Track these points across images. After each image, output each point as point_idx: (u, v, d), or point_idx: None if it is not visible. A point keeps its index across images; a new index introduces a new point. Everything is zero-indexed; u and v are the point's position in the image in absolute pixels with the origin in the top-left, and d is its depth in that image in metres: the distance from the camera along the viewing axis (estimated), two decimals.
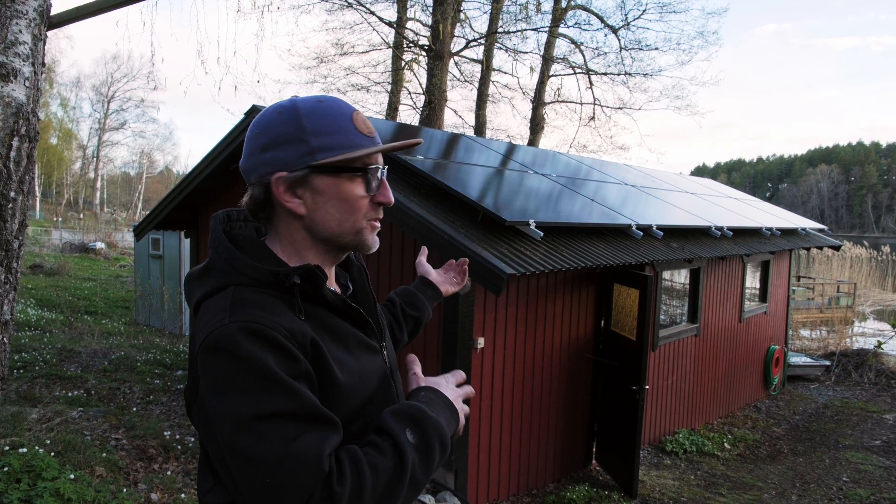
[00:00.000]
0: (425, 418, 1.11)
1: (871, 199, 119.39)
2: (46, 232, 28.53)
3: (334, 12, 15.39)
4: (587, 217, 5.53)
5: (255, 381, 0.99)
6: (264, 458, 0.96)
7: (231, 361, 1.00)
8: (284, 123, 1.15)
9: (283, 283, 1.10)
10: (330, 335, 1.14)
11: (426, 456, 1.08)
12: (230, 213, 1.26)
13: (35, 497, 3.52)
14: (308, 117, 1.15)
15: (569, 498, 5.14)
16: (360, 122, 1.18)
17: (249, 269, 1.11)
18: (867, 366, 10.51)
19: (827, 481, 6.17)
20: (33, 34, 3.17)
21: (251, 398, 0.98)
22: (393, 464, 1.04)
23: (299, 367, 1.03)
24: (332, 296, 1.16)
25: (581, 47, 17.51)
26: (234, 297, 1.08)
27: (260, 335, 1.01)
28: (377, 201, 1.21)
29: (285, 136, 1.14)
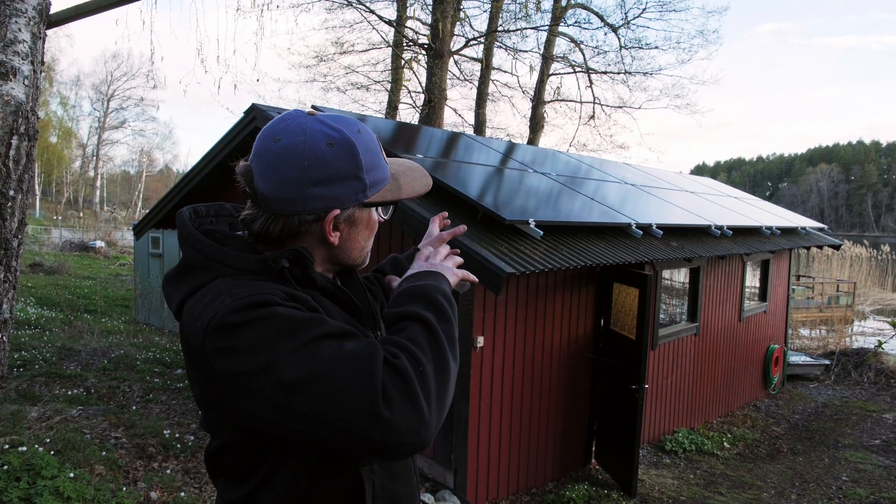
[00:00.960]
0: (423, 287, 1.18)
1: (871, 198, 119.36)
2: (46, 230, 28.51)
3: (334, 11, 15.39)
4: (587, 216, 5.53)
5: (279, 329, 0.97)
6: (326, 368, 0.96)
7: (247, 328, 0.98)
8: (342, 159, 1.12)
9: (272, 268, 1.09)
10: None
11: (441, 311, 1.13)
12: (197, 210, 1.24)
13: (35, 495, 3.52)
14: (364, 153, 1.15)
15: (568, 497, 5.14)
16: (382, 149, 1.23)
17: (235, 260, 1.10)
18: (867, 365, 10.51)
19: (826, 480, 6.17)
20: (32, 33, 3.17)
21: (283, 341, 0.97)
22: (421, 328, 1.08)
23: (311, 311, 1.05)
24: (321, 279, 1.15)
25: (581, 46, 17.51)
26: (227, 284, 1.06)
27: (262, 303, 1.00)
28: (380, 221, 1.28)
29: (343, 174, 1.13)
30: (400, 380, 0.97)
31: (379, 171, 1.19)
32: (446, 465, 4.78)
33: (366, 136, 1.17)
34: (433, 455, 4.90)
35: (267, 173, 1.12)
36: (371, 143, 1.18)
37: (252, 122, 5.70)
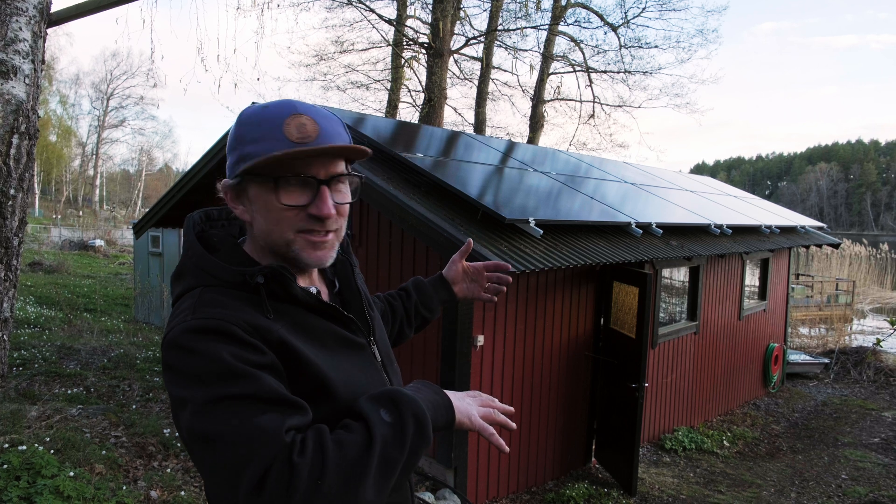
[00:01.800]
0: (401, 397, 1.06)
1: (870, 197, 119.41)
2: (45, 229, 28.50)
3: (334, 10, 15.39)
4: (587, 215, 5.53)
5: (211, 371, 0.98)
6: (222, 434, 0.94)
7: (188, 356, 1.00)
8: (232, 132, 1.17)
9: (248, 283, 1.10)
10: (305, 334, 1.13)
11: (400, 433, 1.02)
12: (209, 213, 1.27)
13: (35, 495, 3.52)
14: (243, 125, 1.14)
15: (568, 495, 5.15)
16: (291, 128, 1.11)
17: (217, 270, 1.12)
18: (866, 363, 10.52)
19: (826, 479, 6.18)
20: (33, 32, 3.16)
21: (208, 386, 0.97)
22: (362, 439, 0.99)
23: (263, 357, 1.02)
24: (303, 294, 1.15)
25: (581, 45, 17.51)
26: (199, 298, 1.09)
27: (217, 331, 1.01)
28: (310, 213, 1.13)
29: (231, 144, 1.16)
30: (286, 479, 0.92)
31: (258, 144, 1.10)
32: (446, 463, 4.79)
33: (269, 110, 1.13)
34: (433, 454, 4.90)
35: None
36: (266, 115, 1.12)
37: None
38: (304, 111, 1.13)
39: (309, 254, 1.15)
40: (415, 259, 5.01)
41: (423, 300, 1.73)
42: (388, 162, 5.49)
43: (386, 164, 5.43)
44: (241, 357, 1.00)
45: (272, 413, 0.97)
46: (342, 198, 1.18)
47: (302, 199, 1.12)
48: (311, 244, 1.15)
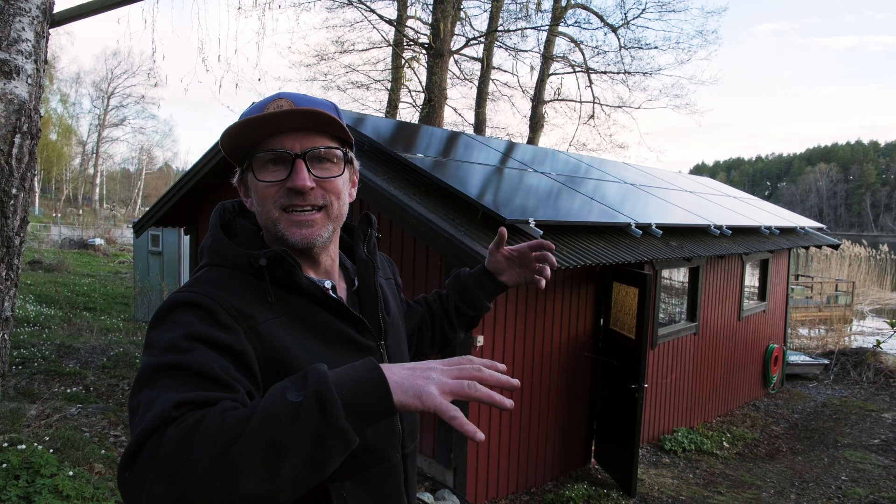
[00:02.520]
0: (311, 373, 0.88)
1: (870, 197, 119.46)
2: (45, 228, 28.49)
3: (335, 10, 15.39)
4: (586, 215, 5.53)
5: (165, 339, 0.97)
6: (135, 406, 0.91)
7: (159, 324, 1.01)
8: None
9: (253, 265, 1.11)
10: (303, 326, 1.12)
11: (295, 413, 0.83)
12: (243, 204, 1.30)
13: (34, 494, 3.52)
14: (244, 114, 1.16)
15: (567, 496, 5.15)
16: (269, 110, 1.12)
17: (227, 251, 1.14)
18: (866, 364, 10.53)
19: (826, 480, 6.19)
20: (36, 32, 3.17)
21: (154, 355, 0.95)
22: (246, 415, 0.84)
23: (231, 338, 0.99)
24: (308, 284, 1.13)
25: (581, 46, 17.50)
26: (205, 274, 1.12)
27: (195, 304, 1.02)
28: (288, 187, 1.12)
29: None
30: (153, 451, 0.82)
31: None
32: (446, 464, 4.79)
33: (264, 99, 1.17)
34: (433, 454, 4.91)
35: None
36: (256, 105, 1.17)
37: None
38: (287, 96, 1.14)
39: (294, 232, 1.14)
40: (415, 259, 5.01)
41: (465, 297, 1.65)
42: (389, 162, 5.49)
43: (386, 164, 5.43)
44: (203, 332, 0.97)
45: (188, 387, 0.90)
46: (325, 172, 1.16)
47: (279, 174, 1.12)
48: (294, 223, 1.14)
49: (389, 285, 1.45)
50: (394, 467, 1.22)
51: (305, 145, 1.13)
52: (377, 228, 1.39)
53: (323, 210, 1.16)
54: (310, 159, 1.14)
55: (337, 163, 1.18)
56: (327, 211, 1.17)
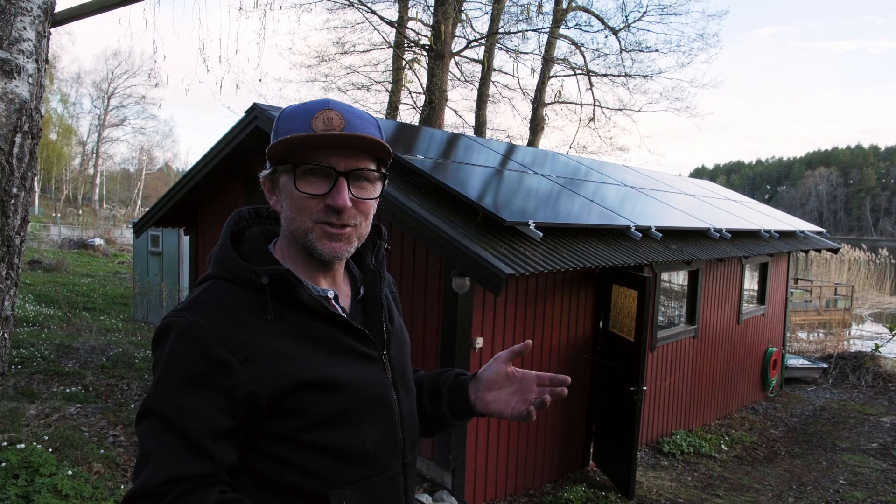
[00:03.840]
0: None
1: (870, 201, 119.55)
2: (45, 227, 28.49)
3: (335, 11, 15.38)
4: (586, 218, 5.54)
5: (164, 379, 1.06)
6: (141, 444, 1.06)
7: (160, 349, 1.10)
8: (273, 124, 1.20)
9: (254, 282, 1.12)
10: (305, 340, 1.13)
11: None
12: (259, 211, 1.31)
13: (33, 493, 3.52)
14: (280, 119, 1.18)
15: (566, 498, 5.15)
16: (318, 121, 1.14)
17: (231, 265, 1.15)
18: (864, 368, 10.53)
19: (824, 484, 6.19)
20: (37, 31, 3.18)
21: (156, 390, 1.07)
22: None
23: (225, 379, 1.06)
24: (309, 300, 1.14)
25: (581, 48, 17.51)
26: (206, 291, 1.14)
27: (190, 337, 1.07)
28: (327, 203, 1.14)
29: (271, 136, 1.18)
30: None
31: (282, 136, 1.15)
32: (444, 465, 4.79)
33: (305, 105, 1.17)
34: (431, 455, 4.91)
35: None
36: (301, 110, 1.16)
37: (253, 122, 5.70)
38: (335, 107, 1.15)
39: (324, 244, 1.16)
40: (414, 260, 5.02)
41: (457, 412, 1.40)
42: None
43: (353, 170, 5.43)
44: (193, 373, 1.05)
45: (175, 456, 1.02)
46: (363, 193, 1.17)
47: (320, 188, 1.14)
48: (327, 235, 1.15)
49: (395, 298, 1.45)
50: (394, 476, 1.23)
51: (350, 165, 1.14)
52: (387, 240, 1.39)
53: (353, 228, 1.18)
54: (351, 178, 1.15)
55: (374, 183, 1.20)
56: (357, 229, 1.19)
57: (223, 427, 1.05)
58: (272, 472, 1.11)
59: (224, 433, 1.06)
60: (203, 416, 1.04)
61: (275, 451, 1.11)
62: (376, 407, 1.20)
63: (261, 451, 1.11)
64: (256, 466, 1.11)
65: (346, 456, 1.14)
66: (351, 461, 1.14)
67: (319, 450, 1.11)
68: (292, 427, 1.10)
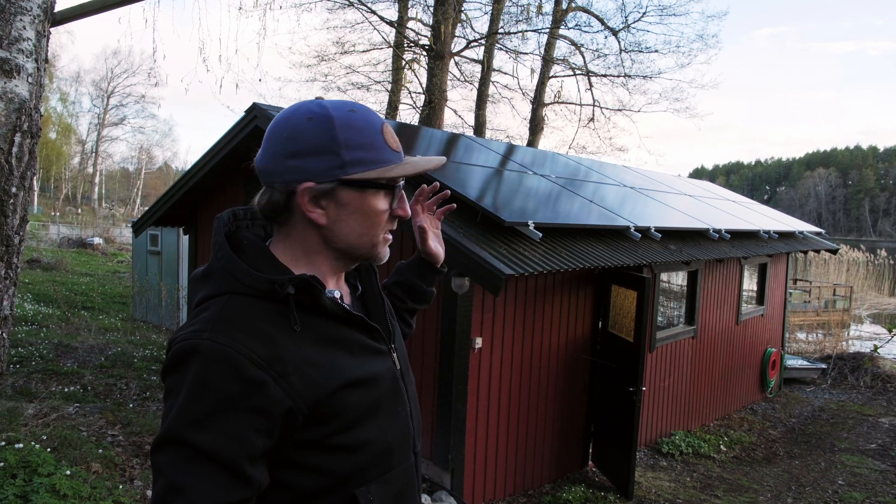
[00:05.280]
0: None
1: (869, 202, 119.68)
2: (44, 226, 28.47)
3: (335, 11, 15.40)
4: (586, 218, 5.54)
5: (198, 406, 0.98)
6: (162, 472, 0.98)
7: (183, 376, 1.00)
8: (317, 132, 1.10)
9: (278, 293, 1.07)
10: (327, 344, 1.11)
11: None
12: (236, 213, 1.24)
13: (31, 493, 3.51)
14: (342, 129, 1.11)
15: (565, 499, 5.15)
16: (388, 136, 1.17)
17: (246, 277, 1.09)
18: (863, 369, 10.54)
19: (822, 484, 6.19)
20: (37, 31, 3.17)
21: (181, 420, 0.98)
22: None
23: (261, 398, 1.01)
24: (331, 305, 1.13)
25: (581, 49, 17.53)
26: (224, 309, 1.06)
27: (227, 362, 0.99)
28: (396, 215, 1.21)
29: (318, 147, 1.10)
30: None
31: (368, 152, 1.13)
32: (443, 465, 4.79)
33: (359, 115, 1.14)
34: (430, 455, 4.90)
35: (262, 148, 1.17)
36: (362, 122, 1.13)
37: (253, 121, 5.70)
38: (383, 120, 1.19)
39: (384, 252, 1.23)
40: None
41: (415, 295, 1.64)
42: None
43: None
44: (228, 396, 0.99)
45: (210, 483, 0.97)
46: None
47: (388, 202, 1.20)
48: (387, 242, 1.23)
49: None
50: (411, 466, 1.26)
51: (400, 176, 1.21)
52: None
53: None
54: None
55: None
56: None
57: (261, 449, 1.02)
58: (300, 481, 1.10)
59: (262, 455, 1.02)
60: (241, 440, 0.99)
61: (303, 459, 1.09)
62: (392, 401, 1.22)
63: (289, 462, 1.09)
64: (284, 478, 1.09)
65: (371, 452, 1.15)
66: (375, 456, 1.15)
67: (348, 450, 1.11)
68: (324, 433, 1.09)
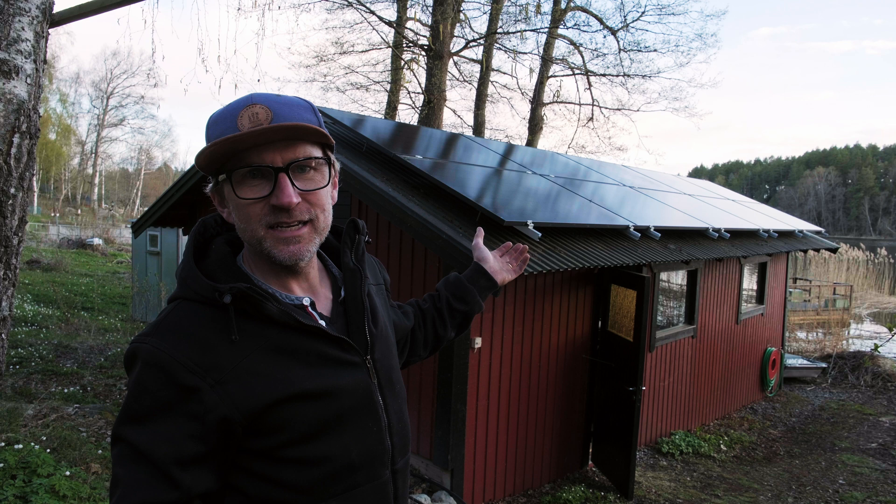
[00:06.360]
0: None
1: (868, 201, 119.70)
2: (44, 227, 28.46)
3: (334, 11, 15.39)
4: (585, 218, 5.53)
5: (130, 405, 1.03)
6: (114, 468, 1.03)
7: (128, 374, 1.06)
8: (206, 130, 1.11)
9: (217, 301, 1.06)
10: (280, 355, 1.08)
11: None
12: (216, 219, 1.24)
13: (30, 493, 3.51)
14: (208, 127, 1.10)
15: (565, 499, 5.15)
16: (244, 119, 1.06)
17: (195, 284, 1.09)
18: (863, 368, 10.54)
19: (823, 484, 6.19)
20: (35, 32, 3.17)
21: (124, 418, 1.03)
22: None
23: (194, 404, 1.01)
24: (279, 314, 1.08)
25: (580, 48, 17.53)
26: (171, 314, 1.09)
27: (161, 367, 1.02)
28: (272, 204, 1.07)
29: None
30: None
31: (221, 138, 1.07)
32: (443, 465, 4.79)
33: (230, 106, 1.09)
34: (430, 456, 4.90)
35: None
36: (224, 113, 1.08)
37: None
38: (260, 101, 1.07)
39: (281, 250, 1.09)
40: (413, 260, 5.01)
41: (457, 293, 1.67)
42: (387, 163, 5.50)
43: (385, 165, 5.43)
44: (162, 400, 1.01)
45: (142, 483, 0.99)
46: (310, 184, 1.11)
47: (263, 190, 1.07)
48: (281, 240, 1.09)
49: (379, 291, 1.40)
50: (383, 485, 1.19)
51: (287, 157, 1.07)
52: (367, 233, 1.33)
53: (309, 224, 1.11)
54: (292, 171, 1.08)
55: (319, 170, 1.13)
56: (314, 224, 1.12)
57: (193, 454, 1.01)
58: (256, 489, 1.08)
59: (194, 460, 1.02)
60: (171, 443, 1.00)
61: (256, 468, 1.08)
62: (360, 415, 1.15)
63: (242, 469, 1.08)
64: (240, 484, 1.08)
65: (329, 468, 1.10)
66: (334, 473, 1.11)
67: (301, 464, 1.08)
68: (272, 443, 1.06)
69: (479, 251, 1.77)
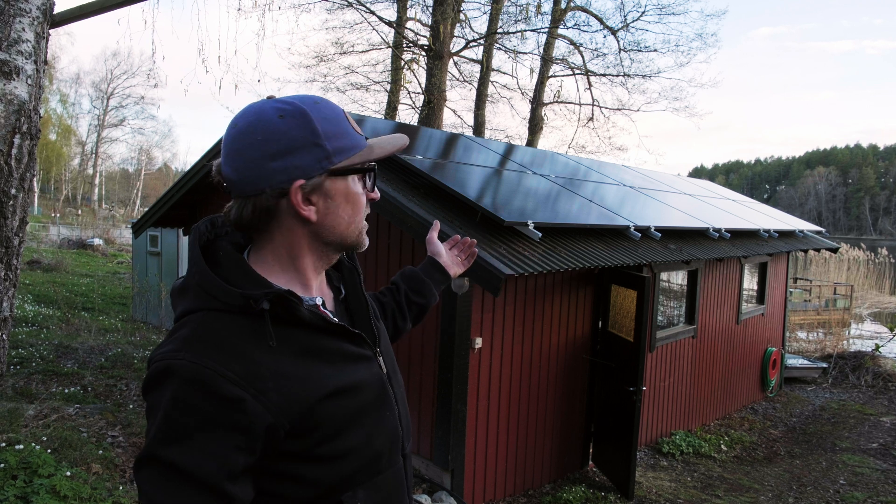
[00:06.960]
0: None
1: (869, 201, 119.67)
2: (44, 227, 28.48)
3: (334, 11, 15.41)
4: (585, 218, 5.53)
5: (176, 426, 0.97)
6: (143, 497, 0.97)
7: (160, 396, 0.99)
8: (296, 128, 1.08)
9: (252, 308, 1.04)
10: (308, 357, 1.09)
11: None
12: (214, 221, 1.22)
13: (31, 494, 3.51)
14: (318, 121, 1.10)
15: (565, 499, 5.15)
16: (352, 122, 1.17)
17: (220, 293, 1.06)
18: (864, 368, 10.53)
19: (824, 484, 6.19)
20: (36, 32, 3.17)
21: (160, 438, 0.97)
22: None
23: (240, 416, 0.99)
24: (310, 317, 1.10)
25: (580, 48, 17.53)
26: (199, 326, 1.04)
27: (203, 382, 0.98)
28: (370, 199, 1.21)
29: (301, 142, 1.08)
30: None
31: (344, 139, 1.13)
32: (443, 466, 4.79)
33: (324, 106, 1.13)
34: (430, 456, 4.90)
35: (229, 159, 1.11)
36: (330, 112, 1.13)
37: None
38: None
39: (367, 239, 1.23)
40: (413, 261, 5.01)
41: (414, 286, 1.73)
42: (387, 163, 5.50)
43: (385, 165, 5.43)
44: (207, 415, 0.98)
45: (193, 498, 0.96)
46: None
47: (362, 186, 1.20)
48: (366, 228, 1.23)
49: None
50: (399, 469, 1.24)
51: None
52: None
53: None
54: None
55: None
56: None
57: (242, 466, 1.00)
58: (285, 489, 1.08)
59: (244, 472, 1.01)
60: (220, 458, 0.98)
61: (287, 469, 1.08)
62: (378, 406, 1.19)
63: (272, 472, 1.08)
64: (268, 487, 1.08)
65: (358, 459, 1.13)
66: (362, 463, 1.14)
67: (331, 459, 1.09)
68: (306, 445, 1.07)
69: (434, 245, 1.83)
